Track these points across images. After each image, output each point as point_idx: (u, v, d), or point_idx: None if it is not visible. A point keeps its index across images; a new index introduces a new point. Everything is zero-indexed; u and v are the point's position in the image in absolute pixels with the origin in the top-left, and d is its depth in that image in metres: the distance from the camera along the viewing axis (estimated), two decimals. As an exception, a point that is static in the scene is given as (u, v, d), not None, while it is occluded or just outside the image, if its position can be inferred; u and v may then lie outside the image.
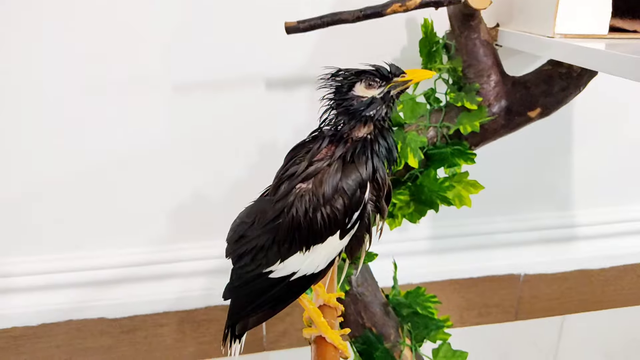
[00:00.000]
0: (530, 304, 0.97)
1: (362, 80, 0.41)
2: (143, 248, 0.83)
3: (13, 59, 0.70)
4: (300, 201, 0.40)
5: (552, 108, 0.64)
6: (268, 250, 0.42)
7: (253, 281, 0.43)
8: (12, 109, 0.72)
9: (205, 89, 0.75)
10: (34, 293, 0.81)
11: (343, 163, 0.41)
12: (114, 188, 0.78)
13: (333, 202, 0.39)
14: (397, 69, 0.42)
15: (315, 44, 0.75)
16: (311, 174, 0.41)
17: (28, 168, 0.75)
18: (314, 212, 0.40)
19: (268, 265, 0.42)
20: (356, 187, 0.40)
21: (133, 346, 0.86)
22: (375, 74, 0.41)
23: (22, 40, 0.69)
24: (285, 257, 0.41)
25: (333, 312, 0.47)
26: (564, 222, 0.95)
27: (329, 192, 0.39)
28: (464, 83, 0.66)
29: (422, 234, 0.91)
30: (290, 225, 0.40)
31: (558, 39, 0.54)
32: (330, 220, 0.40)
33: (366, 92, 0.41)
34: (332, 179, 0.40)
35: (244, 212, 0.46)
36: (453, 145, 0.64)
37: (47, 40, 0.70)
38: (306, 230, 0.40)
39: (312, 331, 0.44)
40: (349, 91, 0.42)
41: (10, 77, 0.71)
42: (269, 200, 0.43)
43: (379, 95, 0.41)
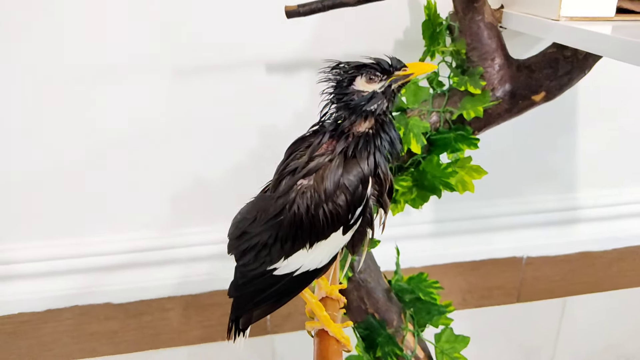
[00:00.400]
0: (533, 287, 0.97)
1: (362, 74, 0.41)
2: (147, 233, 0.83)
3: (10, 43, 0.69)
4: (301, 198, 0.40)
5: (556, 92, 0.63)
6: (271, 248, 0.42)
7: (257, 279, 0.43)
8: (11, 95, 0.72)
9: (205, 72, 0.75)
10: (39, 279, 0.81)
11: (344, 158, 0.40)
12: (116, 173, 0.78)
13: (335, 199, 0.39)
14: (399, 62, 0.41)
15: (316, 26, 0.74)
16: (312, 170, 0.40)
17: (31, 153, 0.75)
18: (316, 209, 0.39)
19: (272, 262, 0.42)
20: (358, 183, 0.39)
21: (139, 330, 0.86)
22: (376, 67, 0.41)
23: (18, 23, 0.68)
24: (288, 254, 0.41)
25: (335, 304, 0.47)
26: (566, 205, 0.95)
27: (330, 188, 0.39)
28: (467, 66, 0.65)
29: (425, 218, 0.91)
30: (292, 222, 0.40)
31: (563, 21, 0.53)
32: (333, 216, 0.39)
33: (367, 86, 0.41)
34: (334, 175, 0.39)
35: (245, 208, 0.45)
36: (456, 130, 0.63)
37: (44, 23, 0.69)
38: (308, 227, 0.40)
39: (315, 324, 0.44)
40: (349, 85, 0.41)
41: (8, 62, 0.70)
42: (269, 196, 0.42)
43: (380, 89, 0.41)
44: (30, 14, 0.68)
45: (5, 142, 0.74)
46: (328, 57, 0.76)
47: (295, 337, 0.91)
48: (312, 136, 0.43)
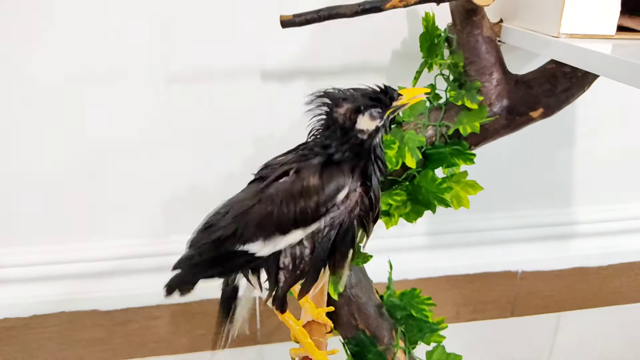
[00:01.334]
0: (527, 301, 0.97)
1: (364, 113, 0.40)
2: (136, 240, 0.82)
3: (3, 49, 0.68)
4: (276, 192, 0.39)
5: (555, 108, 0.62)
6: (230, 237, 0.41)
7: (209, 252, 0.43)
8: (5, 99, 0.70)
9: (200, 80, 0.74)
10: (25, 284, 0.80)
11: (328, 162, 0.40)
12: (107, 179, 0.77)
13: (308, 197, 0.38)
14: (394, 92, 0.41)
15: (313, 35, 0.73)
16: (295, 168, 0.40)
17: (20, 158, 0.74)
18: (287, 204, 0.39)
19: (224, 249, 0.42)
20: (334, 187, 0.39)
21: (126, 338, 0.85)
22: (377, 105, 0.40)
23: (12, 30, 0.67)
24: (246, 241, 0.41)
25: (322, 329, 0.46)
26: (562, 220, 0.94)
27: (306, 186, 0.39)
28: (464, 80, 0.64)
29: (419, 230, 0.90)
30: (261, 212, 0.39)
31: (563, 39, 0.52)
32: (299, 213, 0.39)
33: (370, 124, 0.40)
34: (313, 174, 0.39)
35: (222, 203, 0.45)
36: (452, 145, 0.62)
37: (38, 29, 0.68)
38: (275, 218, 0.39)
39: (299, 351, 0.43)
40: (353, 125, 0.40)
41: (2, 67, 0.69)
42: (243, 191, 0.42)
43: (381, 123, 0.40)
44: (21, 20, 0.67)
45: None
46: (324, 67, 0.76)
47: (285, 348, 0.90)
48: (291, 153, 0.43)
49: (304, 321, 0.46)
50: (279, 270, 0.41)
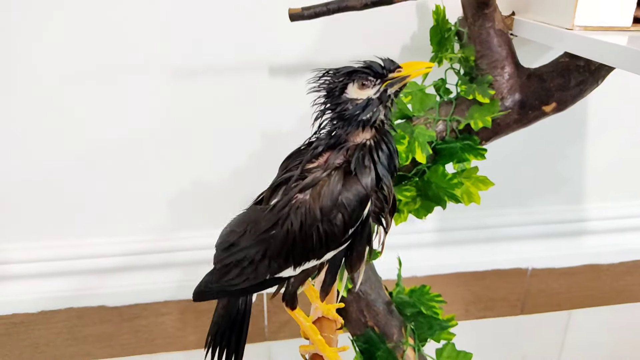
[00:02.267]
0: (537, 299, 0.96)
1: (354, 81, 0.38)
2: (144, 236, 0.82)
3: (10, 44, 0.68)
4: (295, 214, 0.37)
5: (568, 102, 0.61)
6: (258, 264, 0.39)
7: (233, 294, 0.42)
8: (11, 95, 0.70)
9: (207, 74, 0.73)
10: (34, 280, 0.80)
11: (344, 174, 0.37)
12: (115, 175, 0.77)
13: (331, 218, 0.36)
14: (392, 64, 0.38)
15: (321, 29, 0.72)
16: (309, 185, 0.38)
17: (28, 154, 0.74)
18: (310, 227, 0.37)
19: (256, 279, 0.40)
20: (357, 202, 0.37)
21: (134, 334, 0.85)
22: (367, 72, 0.38)
23: (18, 25, 0.67)
24: (275, 273, 0.39)
25: (332, 325, 0.45)
26: (573, 216, 0.93)
27: (327, 206, 0.36)
28: (476, 74, 0.63)
29: (428, 227, 0.89)
30: (284, 239, 0.37)
31: (577, 31, 0.51)
32: (327, 236, 0.37)
33: (360, 93, 0.38)
34: (332, 192, 0.36)
35: (235, 220, 0.43)
36: (463, 140, 0.61)
37: (45, 23, 0.67)
38: (301, 246, 0.37)
39: (309, 348, 0.42)
40: (341, 94, 0.38)
41: (7, 63, 0.69)
42: (262, 209, 0.40)
43: (375, 95, 0.38)
44: (27, 15, 0.67)
45: (3, 143, 0.72)
46: (332, 62, 0.75)
47: (292, 345, 0.90)
48: (306, 148, 0.41)
49: (313, 317, 0.45)
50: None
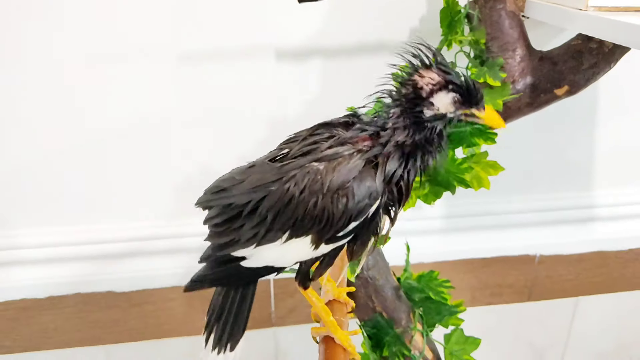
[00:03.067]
0: (545, 285, 0.95)
1: (450, 92, 0.36)
2: (152, 222, 0.82)
3: (17, 29, 0.67)
4: (303, 176, 0.36)
5: (580, 85, 0.60)
6: (246, 219, 0.37)
7: (222, 265, 0.40)
8: (17, 80, 0.70)
9: (213, 59, 0.73)
10: (42, 265, 0.80)
11: (366, 161, 0.36)
12: (122, 161, 0.77)
13: (334, 197, 0.35)
14: (482, 100, 0.37)
15: (328, 14, 0.72)
16: (328, 157, 0.36)
17: (35, 140, 0.74)
18: (310, 195, 0.35)
19: (239, 244, 0.38)
20: (366, 195, 0.35)
21: (142, 319, 0.85)
22: (464, 94, 0.36)
23: (25, 9, 0.67)
24: (260, 242, 0.37)
25: (343, 308, 0.44)
26: (582, 203, 0.92)
27: (335, 183, 0.35)
28: (486, 57, 0.62)
29: (436, 213, 0.89)
30: (279, 198, 0.36)
31: (591, 12, 0.50)
32: (323, 214, 0.35)
33: (446, 107, 0.36)
34: (346, 172, 0.35)
35: (238, 169, 0.41)
36: (472, 124, 0.60)
37: (51, 8, 0.67)
38: (292, 211, 0.36)
39: (320, 330, 0.42)
40: (429, 96, 0.36)
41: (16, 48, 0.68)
42: (269, 165, 0.38)
43: (451, 114, 0.37)
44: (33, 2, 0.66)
45: (11, 129, 0.72)
46: (340, 46, 0.74)
47: (299, 331, 0.90)
48: (341, 125, 0.39)
49: (324, 300, 0.45)
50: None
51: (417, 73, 0.36)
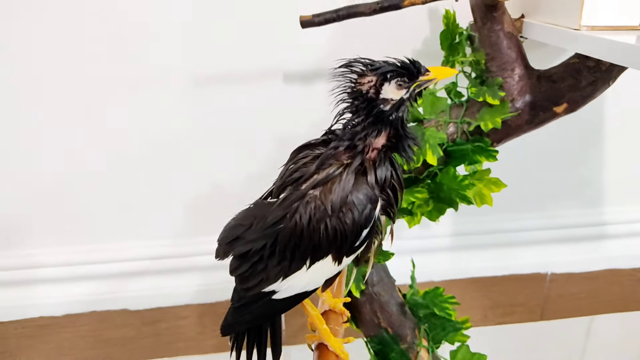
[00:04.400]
0: (557, 304, 0.94)
1: (391, 81, 0.38)
2: (165, 241, 0.84)
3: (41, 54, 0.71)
4: (305, 208, 0.37)
5: (579, 103, 0.61)
6: (268, 260, 0.39)
7: (255, 303, 0.41)
8: (41, 103, 0.73)
9: (223, 82, 0.75)
10: (59, 284, 0.82)
11: (356, 173, 0.38)
12: (136, 181, 0.79)
13: (341, 215, 0.37)
14: (421, 66, 0.39)
15: (333, 37, 0.74)
16: (322, 181, 0.38)
17: (54, 162, 0.77)
18: (318, 222, 0.37)
19: (269, 281, 0.40)
20: (367, 202, 0.37)
21: (155, 337, 0.87)
22: (403, 72, 0.38)
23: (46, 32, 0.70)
24: (287, 274, 0.39)
25: (338, 318, 0.46)
26: (593, 220, 0.91)
27: (336, 203, 0.37)
28: (486, 77, 0.63)
29: (444, 231, 0.89)
30: (292, 233, 0.38)
31: (584, 31, 0.51)
32: (336, 233, 0.37)
33: (396, 93, 0.38)
34: (342, 189, 0.37)
35: (240, 214, 0.43)
36: (474, 141, 0.62)
37: (69, 32, 0.70)
38: (307, 241, 0.37)
39: (315, 337, 0.43)
40: (377, 94, 0.38)
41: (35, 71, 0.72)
42: (269, 203, 0.40)
43: (406, 95, 0.39)
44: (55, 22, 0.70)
45: (31, 151, 0.76)
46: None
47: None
48: (321, 144, 0.41)
49: (321, 310, 0.46)
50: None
51: (356, 83, 0.39)
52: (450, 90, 0.66)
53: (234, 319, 0.43)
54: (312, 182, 0.38)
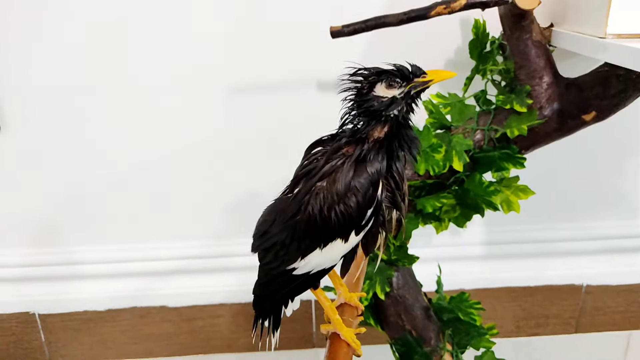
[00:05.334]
0: (593, 317, 0.92)
1: (382, 80, 0.42)
2: (202, 241, 0.87)
3: (88, 59, 0.76)
4: (315, 199, 0.41)
5: (608, 111, 0.61)
6: (289, 247, 0.43)
7: (278, 278, 0.45)
8: (82, 107, 0.78)
9: (260, 89, 0.78)
10: (102, 280, 0.87)
11: (356, 162, 0.42)
12: (176, 183, 0.83)
13: (346, 200, 0.41)
14: (418, 69, 0.42)
15: (366, 46, 0.76)
16: (327, 173, 0.42)
17: (97, 163, 0.81)
18: (329, 210, 0.41)
19: (290, 262, 0.44)
20: (368, 185, 0.41)
21: (192, 334, 0.90)
22: (395, 74, 0.42)
23: (93, 44, 0.75)
24: (305, 254, 0.43)
25: (353, 311, 0.48)
26: (630, 232, 0.89)
27: (341, 190, 0.41)
28: (515, 85, 0.64)
29: (478, 239, 0.89)
30: (307, 223, 0.42)
31: (610, 39, 0.52)
32: (345, 216, 0.41)
33: (387, 92, 0.42)
34: (345, 177, 0.41)
35: (266, 210, 0.48)
36: (501, 148, 0.62)
37: (116, 42, 0.75)
38: (322, 228, 0.41)
39: (329, 327, 0.46)
40: (369, 92, 0.42)
41: (83, 77, 0.77)
42: (287, 198, 0.44)
43: (400, 95, 0.42)
44: (102, 34, 0.74)
45: (75, 153, 0.81)
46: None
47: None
48: (329, 140, 0.45)
49: (337, 303, 0.49)
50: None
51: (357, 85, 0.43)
52: (479, 97, 0.67)
53: (261, 291, 0.48)
54: (320, 175, 0.42)
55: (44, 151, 0.80)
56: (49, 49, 0.75)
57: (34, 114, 0.78)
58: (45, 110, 0.78)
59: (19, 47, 0.75)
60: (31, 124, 0.78)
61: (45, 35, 0.74)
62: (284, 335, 0.91)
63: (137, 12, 0.74)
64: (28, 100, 0.77)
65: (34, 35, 0.74)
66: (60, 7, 0.73)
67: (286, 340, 0.91)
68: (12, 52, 0.75)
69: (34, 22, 0.73)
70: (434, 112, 0.65)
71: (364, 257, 0.50)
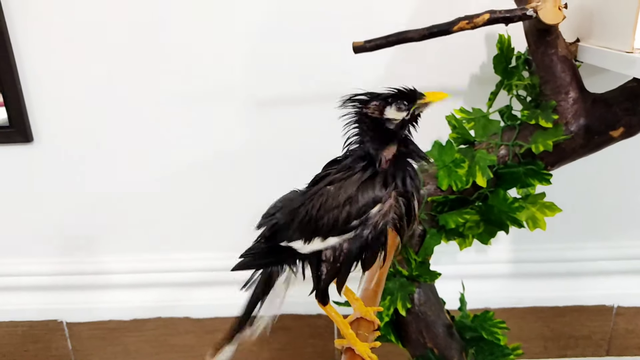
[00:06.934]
0: (625, 339, 0.89)
1: (392, 105, 0.45)
2: (227, 253, 0.86)
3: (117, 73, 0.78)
4: (317, 199, 0.44)
5: (637, 127, 0.59)
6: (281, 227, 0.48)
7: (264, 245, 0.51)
8: (113, 118, 0.80)
9: (284, 104, 0.79)
10: (128, 290, 0.89)
11: (366, 176, 0.44)
12: (201, 195, 0.85)
13: (342, 208, 0.43)
14: (417, 92, 0.45)
15: (389, 61, 0.76)
16: (337, 179, 0.45)
17: (123, 175, 0.83)
18: (326, 212, 0.44)
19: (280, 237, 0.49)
20: (368, 200, 0.43)
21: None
22: (402, 97, 0.45)
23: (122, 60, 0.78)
24: (290, 239, 0.47)
25: (370, 325, 0.48)
26: (663, 252, 0.86)
27: (343, 198, 0.43)
28: (541, 100, 0.63)
29: (504, 257, 0.88)
30: (304, 216, 0.45)
31: (638, 54, 0.51)
32: (335, 223, 0.44)
33: (397, 114, 0.45)
34: (349, 187, 0.43)
35: (281, 198, 0.52)
36: (526, 164, 0.61)
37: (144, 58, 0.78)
38: (314, 225, 0.44)
39: (343, 342, 0.46)
40: (381, 115, 0.45)
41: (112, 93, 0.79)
42: (299, 193, 0.49)
43: (407, 116, 0.45)
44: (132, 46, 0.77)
45: (102, 166, 0.83)
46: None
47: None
48: (343, 160, 0.47)
49: (352, 318, 0.49)
50: (320, 263, 0.46)
51: (364, 108, 0.46)
52: (504, 113, 0.66)
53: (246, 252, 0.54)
54: (330, 179, 0.45)
55: (75, 162, 0.83)
56: (80, 64, 0.78)
57: (65, 126, 0.81)
58: (76, 123, 0.81)
59: (50, 60, 0.78)
60: (62, 136, 0.81)
61: (77, 51, 0.77)
62: (305, 351, 0.92)
63: (164, 27, 0.76)
64: (59, 113, 0.80)
65: (65, 49, 0.77)
66: (92, 23, 0.76)
67: (307, 355, 0.91)
68: (44, 66, 0.78)
69: (65, 36, 0.76)
70: (457, 127, 0.64)
71: (378, 270, 0.51)
